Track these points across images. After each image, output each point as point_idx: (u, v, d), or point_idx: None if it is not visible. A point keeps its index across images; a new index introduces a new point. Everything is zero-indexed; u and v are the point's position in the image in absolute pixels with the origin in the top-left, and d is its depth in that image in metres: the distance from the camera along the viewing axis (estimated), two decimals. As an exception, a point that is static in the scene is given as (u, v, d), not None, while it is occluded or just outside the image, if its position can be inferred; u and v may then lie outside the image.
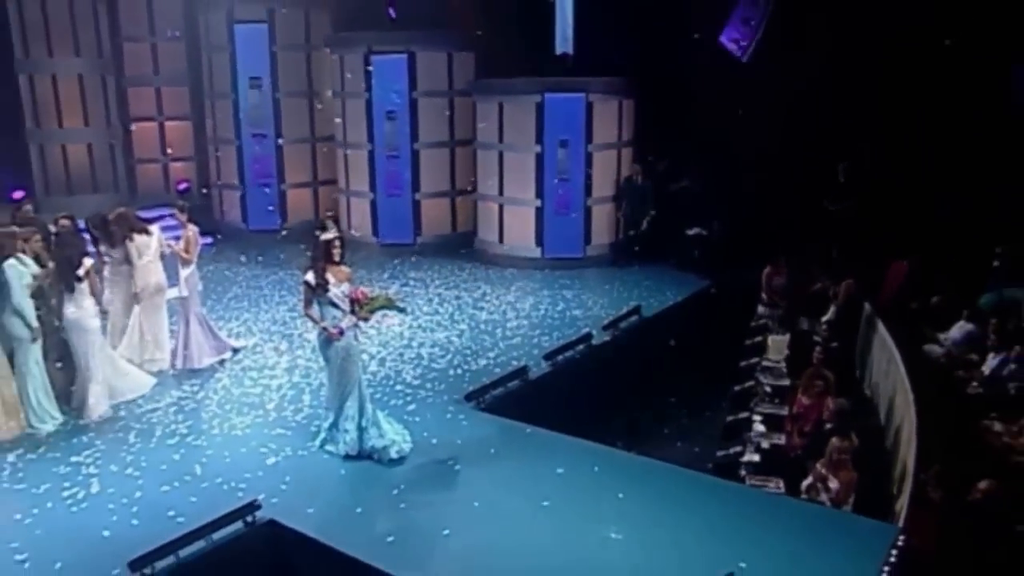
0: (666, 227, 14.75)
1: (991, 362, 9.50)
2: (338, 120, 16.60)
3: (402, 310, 8.95)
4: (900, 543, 6.15)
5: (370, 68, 15.63)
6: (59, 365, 9.11)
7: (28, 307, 8.55)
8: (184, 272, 10.22)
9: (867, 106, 12.86)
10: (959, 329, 10.23)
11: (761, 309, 12.46)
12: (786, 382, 10.20)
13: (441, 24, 15.83)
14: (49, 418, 8.73)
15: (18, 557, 6.44)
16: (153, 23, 18.53)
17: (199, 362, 10.33)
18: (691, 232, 14.53)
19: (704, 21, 13.94)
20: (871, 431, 9.17)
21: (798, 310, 11.98)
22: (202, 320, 10.54)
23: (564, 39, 15.04)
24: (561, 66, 15.05)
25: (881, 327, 10.56)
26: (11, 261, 8.50)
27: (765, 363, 10.80)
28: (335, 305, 7.92)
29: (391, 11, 15.67)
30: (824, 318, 11.53)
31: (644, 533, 6.72)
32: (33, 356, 8.67)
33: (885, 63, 12.60)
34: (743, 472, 8.44)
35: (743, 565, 5.92)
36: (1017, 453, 7.84)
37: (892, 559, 5.98)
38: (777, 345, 11.13)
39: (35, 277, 8.68)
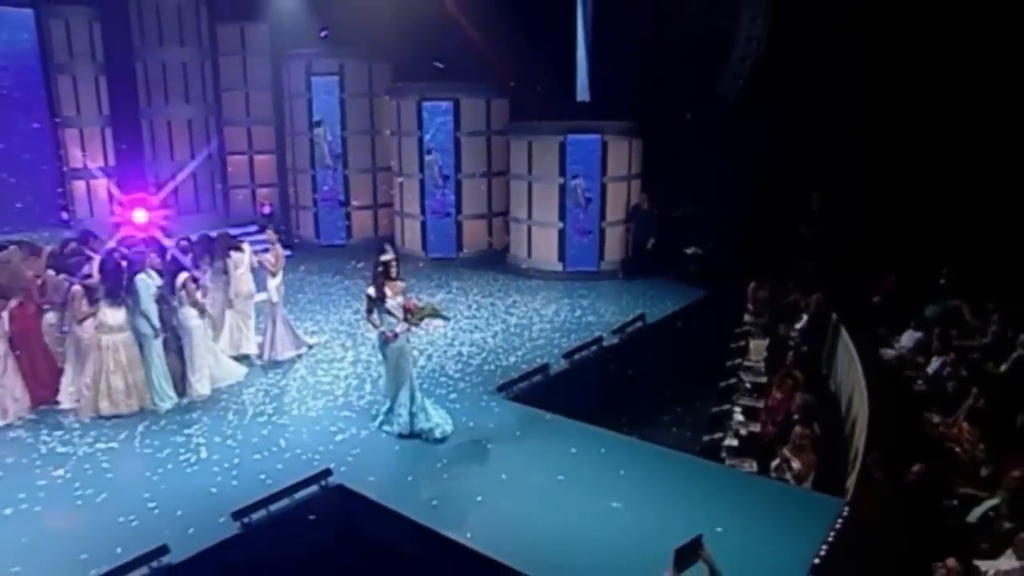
0: (668, 247, 14.54)
1: (934, 364, 9.58)
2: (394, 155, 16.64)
3: (446, 318, 9.09)
4: (845, 514, 6.35)
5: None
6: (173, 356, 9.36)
7: (153, 312, 8.92)
8: (273, 281, 10.40)
9: (836, 146, 12.67)
10: (909, 337, 10.37)
11: (747, 317, 12.19)
12: (763, 379, 10.10)
13: (481, 76, 15.75)
14: (168, 398, 9.02)
15: (150, 505, 6.87)
16: (246, 77, 18.61)
17: (282, 355, 10.48)
18: (689, 251, 14.36)
19: (700, 72, 13.81)
20: (832, 422, 9.12)
21: (777, 319, 11.81)
22: (284, 320, 10.68)
23: (583, 90, 14.98)
24: (580, 112, 14.95)
25: (844, 333, 10.47)
26: (141, 275, 8.86)
27: (746, 363, 10.68)
28: (391, 313, 8.09)
29: (438, 64, 15.76)
30: (797, 326, 11.39)
31: (639, 503, 6.87)
32: (156, 349, 9.00)
33: (852, 111, 12.41)
34: (723, 454, 8.44)
35: (719, 530, 5.98)
36: (950, 441, 7.90)
37: (838, 526, 6.17)
38: (757, 348, 11.02)
39: (159, 287, 9.08)
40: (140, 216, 10.02)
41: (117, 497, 7.05)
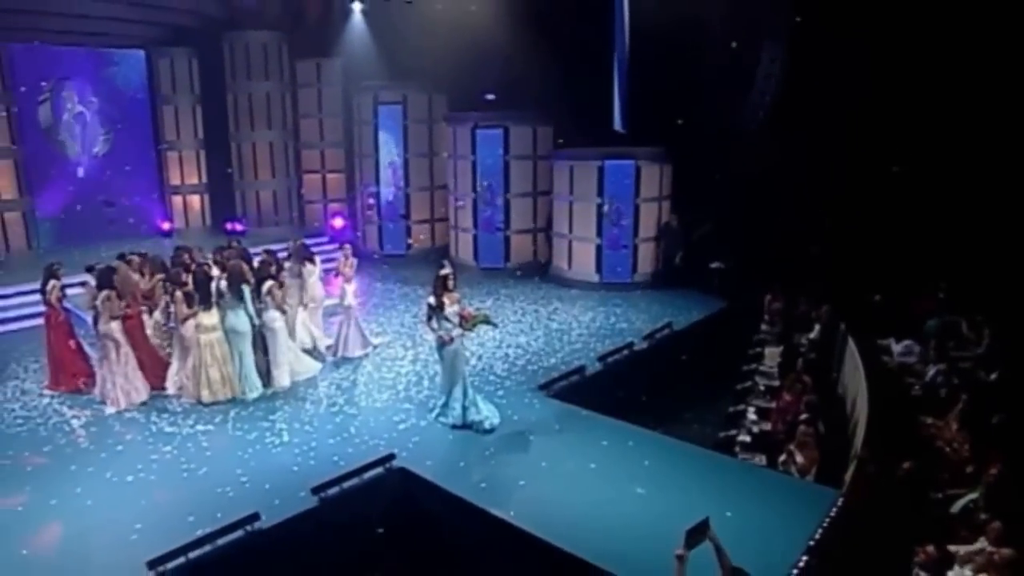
0: (694, 261, 14.45)
1: (930, 372, 9.67)
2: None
3: (494, 324, 9.32)
4: (839, 503, 6.57)
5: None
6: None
7: (253, 314, 9.54)
8: (349, 287, 10.80)
9: (847, 171, 12.63)
10: (906, 347, 10.47)
11: (763, 327, 12.19)
12: (776, 383, 10.09)
13: (528, 106, 15.94)
14: (255, 388, 9.53)
15: (242, 479, 7.39)
16: (321, 105, 19.12)
17: (352, 352, 10.85)
18: (713, 265, 14.18)
19: (725, 104, 13.90)
20: (837, 422, 9.12)
21: (790, 328, 11.83)
22: (356, 322, 11.02)
23: (619, 120, 15.21)
24: (617, 139, 14.85)
25: (851, 342, 10.41)
26: (245, 285, 9.50)
27: (761, 368, 10.70)
28: (448, 320, 8.44)
29: (490, 97, 16.26)
30: (808, 335, 11.40)
31: (660, 490, 7.09)
32: (248, 345, 9.54)
33: (861, 140, 12.36)
34: (737, 449, 8.55)
35: (728, 514, 6.18)
36: (941, 441, 7.99)
37: (832, 514, 6.41)
38: (771, 354, 11.06)
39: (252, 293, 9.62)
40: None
41: (215, 471, 7.61)
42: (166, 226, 18.18)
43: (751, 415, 9.46)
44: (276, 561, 6.54)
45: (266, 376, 9.80)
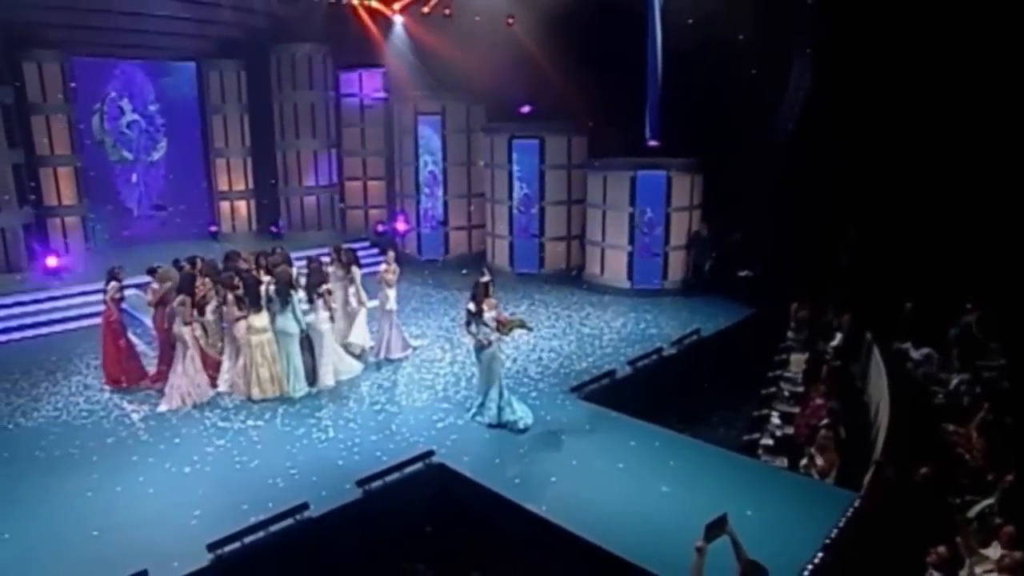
0: (723, 269, 14.60)
1: (954, 381, 9.83)
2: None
3: (529, 329, 9.70)
4: (856, 505, 6.82)
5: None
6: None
7: (301, 317, 9.97)
8: (390, 291, 11.17)
9: (873, 183, 12.75)
10: (925, 355, 10.58)
11: (789, 334, 12.14)
12: (800, 389, 10.25)
13: (563, 117, 16.21)
14: (301, 387, 9.97)
15: (291, 471, 7.86)
16: (363, 115, 19.63)
17: (393, 354, 11.25)
18: (742, 274, 14.29)
19: (755, 117, 14.13)
20: (861, 428, 9.24)
21: (815, 336, 11.89)
22: (396, 325, 11.40)
23: (652, 132, 15.47)
24: (649, 150, 14.89)
25: (876, 351, 10.58)
26: (292, 290, 9.93)
27: (786, 374, 10.81)
28: (486, 325, 8.81)
29: (527, 108, 16.62)
30: (832, 343, 11.45)
31: (684, 489, 7.36)
32: (296, 346, 9.97)
33: (887, 153, 12.49)
34: (760, 452, 8.77)
35: (749, 513, 6.45)
36: (962, 448, 8.21)
37: (848, 514, 6.66)
38: (796, 361, 11.11)
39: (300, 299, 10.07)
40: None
41: (265, 464, 8.11)
42: (213, 229, 18.84)
43: (775, 419, 9.62)
44: (324, 548, 6.98)
45: (311, 376, 10.21)
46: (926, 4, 12.04)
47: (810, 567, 6.12)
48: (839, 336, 11.54)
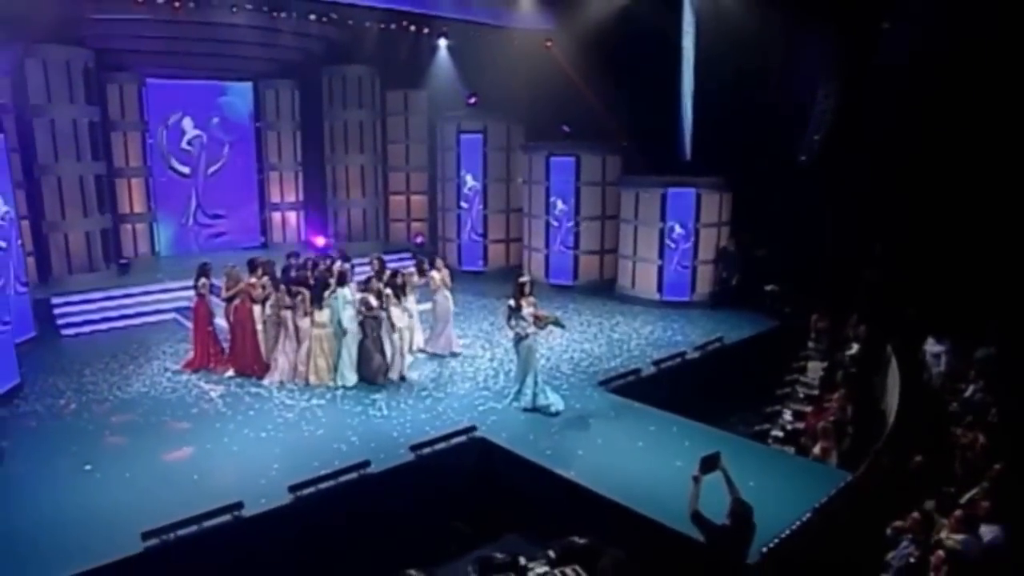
0: (750, 283, 15.52)
1: (969, 390, 10.46)
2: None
3: (563, 326, 11.03)
4: (848, 480, 7.99)
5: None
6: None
7: (346, 317, 11.34)
8: (448, 293, 12.72)
9: (896, 202, 13.48)
10: (941, 349, 11.52)
11: (810, 344, 13.05)
12: (815, 392, 11.29)
13: (598, 137, 17.50)
14: (349, 380, 11.30)
15: (352, 440, 9.35)
16: (407, 132, 21.34)
17: (443, 351, 12.67)
18: (768, 288, 15.18)
19: (782, 137, 14.96)
20: (874, 435, 9.60)
21: (835, 347, 12.72)
22: (449, 327, 12.85)
23: (684, 151, 16.77)
24: (679, 169, 16.42)
25: (893, 360, 11.44)
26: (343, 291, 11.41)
27: (803, 379, 11.94)
28: (524, 319, 10.20)
29: (565, 128, 18.10)
30: (849, 353, 12.22)
31: (696, 462, 7.94)
32: (351, 342, 11.35)
33: (910, 171, 13.18)
34: (769, 441, 9.93)
35: (752, 483, 7.19)
36: (966, 448, 8.72)
37: (838, 488, 7.87)
38: (814, 368, 12.18)
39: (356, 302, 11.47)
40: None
41: (329, 433, 9.64)
42: (263, 239, 20.62)
43: (787, 416, 10.73)
44: (382, 499, 8.45)
45: (383, 372, 11.41)
46: (945, 31, 13.01)
47: (798, 523, 7.36)
48: (856, 346, 12.41)
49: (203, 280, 11.95)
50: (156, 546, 7.00)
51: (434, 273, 12.84)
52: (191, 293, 12.38)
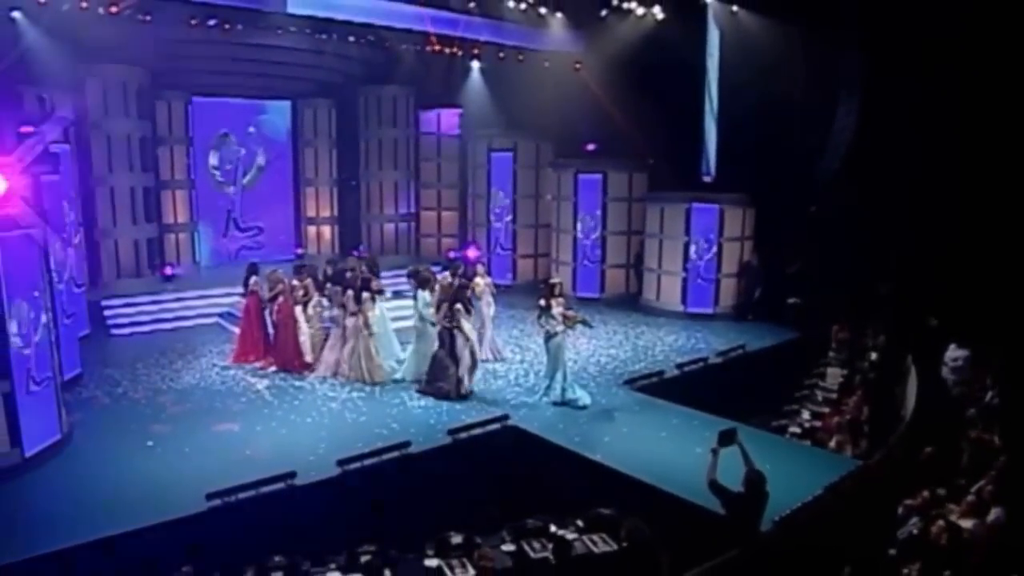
0: (772, 296, 16.06)
1: (988, 396, 10.84)
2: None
3: (591, 325, 11.82)
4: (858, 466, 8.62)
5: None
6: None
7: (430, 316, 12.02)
8: (492, 303, 13.56)
9: (914, 217, 13.88)
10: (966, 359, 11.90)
11: (830, 353, 13.53)
12: (834, 395, 11.89)
13: (625, 155, 18.22)
14: (390, 372, 12.22)
15: (393, 425, 10.17)
16: (440, 150, 22.36)
17: (487, 356, 13.19)
18: (790, 301, 15.75)
19: (802, 155, 15.60)
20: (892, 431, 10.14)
21: (855, 356, 13.27)
22: (491, 333, 13.62)
23: (707, 169, 17.48)
24: (703, 185, 17.14)
25: (912, 368, 11.77)
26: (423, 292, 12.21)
27: (821, 383, 12.54)
28: (553, 318, 11.00)
29: (592, 146, 18.95)
30: (869, 359, 12.82)
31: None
32: (388, 341, 12.39)
33: (927, 189, 13.60)
34: (787, 436, 10.50)
35: (768, 467, 7.65)
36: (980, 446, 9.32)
37: (848, 472, 8.50)
38: (833, 374, 12.73)
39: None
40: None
41: (372, 419, 10.47)
42: (299, 251, 21.63)
43: (805, 415, 11.33)
44: (420, 476, 9.21)
45: (456, 383, 11.40)
46: (961, 49, 13.62)
47: (811, 498, 7.99)
48: (874, 355, 12.97)
49: (254, 278, 12.89)
50: (218, 507, 7.80)
51: (478, 279, 13.57)
52: (234, 300, 13.27)
